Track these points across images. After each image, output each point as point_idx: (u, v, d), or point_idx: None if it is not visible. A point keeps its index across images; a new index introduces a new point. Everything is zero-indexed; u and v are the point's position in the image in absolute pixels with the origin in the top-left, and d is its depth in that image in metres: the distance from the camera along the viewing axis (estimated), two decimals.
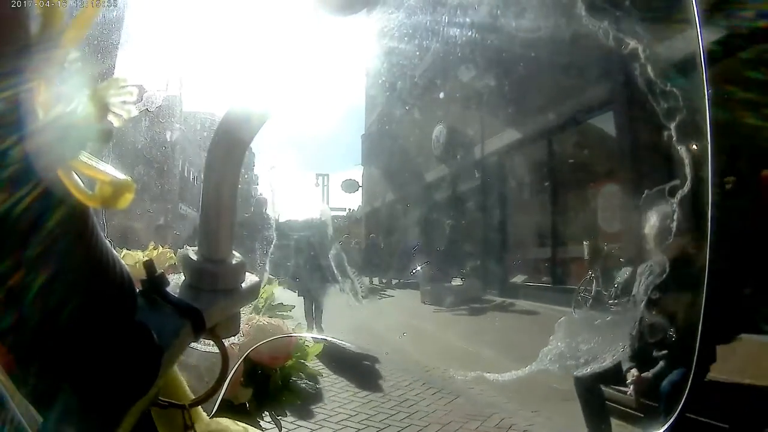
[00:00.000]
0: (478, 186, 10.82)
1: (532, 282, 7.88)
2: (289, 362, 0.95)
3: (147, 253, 0.88)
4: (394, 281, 12.13)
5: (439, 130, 11.26)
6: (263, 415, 0.92)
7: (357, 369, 4.50)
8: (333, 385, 3.85)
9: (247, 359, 0.86)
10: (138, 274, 0.37)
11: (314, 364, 1.03)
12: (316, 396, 3.37)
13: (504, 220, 9.79)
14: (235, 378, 0.83)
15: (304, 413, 3.09)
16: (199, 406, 0.44)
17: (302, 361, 0.98)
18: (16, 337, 0.29)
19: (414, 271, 9.23)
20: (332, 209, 17.35)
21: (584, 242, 5.91)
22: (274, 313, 1.02)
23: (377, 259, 12.84)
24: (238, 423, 0.44)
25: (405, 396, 3.79)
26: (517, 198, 9.38)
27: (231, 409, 0.82)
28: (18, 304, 0.28)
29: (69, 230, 0.28)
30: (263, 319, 0.91)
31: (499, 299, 6.98)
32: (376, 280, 13.06)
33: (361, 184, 16.44)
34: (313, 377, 1.01)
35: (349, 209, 18.31)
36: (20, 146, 0.25)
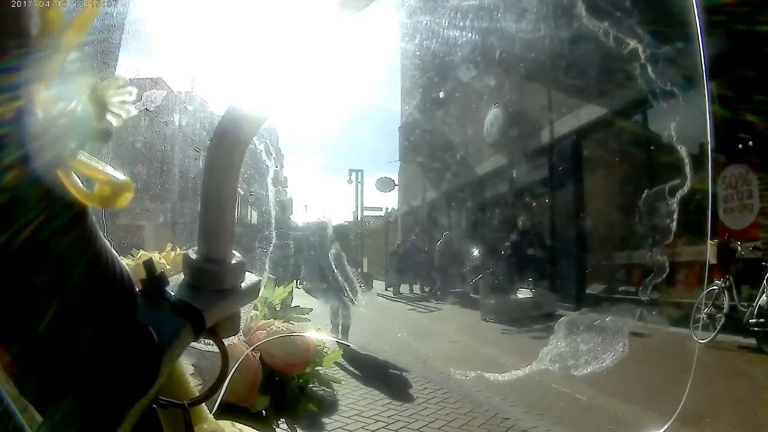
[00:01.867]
0: (545, 178, 9.29)
1: (619, 293, 6.46)
2: (307, 369, 0.93)
3: (164, 254, 0.87)
4: (436, 290, 11.01)
5: (494, 115, 10.08)
6: (279, 422, 0.90)
7: (382, 377, 4.27)
8: (353, 392, 3.71)
9: (264, 366, 0.85)
10: (138, 274, 0.37)
11: (334, 371, 1.01)
12: (336, 404, 3.31)
13: (580, 218, 8.29)
14: (253, 385, 0.82)
15: (320, 421, 3.01)
16: (205, 406, 0.44)
17: (320, 368, 0.96)
18: (15, 337, 0.29)
19: (473, 280, 8.36)
20: (366, 209, 16.32)
21: (709, 242, 4.69)
22: (292, 316, 1.01)
23: (417, 265, 11.90)
24: (236, 425, 0.44)
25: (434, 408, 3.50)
26: (597, 190, 8.21)
27: (248, 416, 0.82)
28: (17, 304, 0.28)
29: (68, 230, 0.28)
30: (282, 325, 0.90)
31: (577, 315, 5.44)
32: (415, 288, 12.03)
33: (397, 183, 15.51)
34: (332, 384, 0.99)
35: (387, 209, 17.20)
36: (20, 146, 0.25)
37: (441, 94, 11.08)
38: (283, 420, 0.90)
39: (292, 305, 1.04)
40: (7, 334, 0.30)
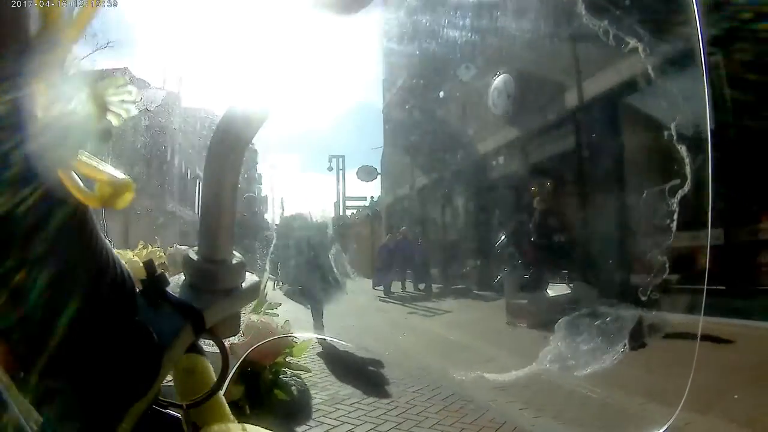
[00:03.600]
0: (570, 151, 7.65)
1: (677, 283, 4.88)
2: (279, 359, 0.95)
3: (137, 252, 0.88)
4: (435, 287, 9.62)
5: (503, 81, 8.55)
6: (254, 410, 0.92)
7: (363, 373, 4.19)
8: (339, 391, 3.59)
9: (236, 357, 0.87)
10: (138, 274, 0.37)
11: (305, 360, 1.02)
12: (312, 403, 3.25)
13: (616, 195, 6.81)
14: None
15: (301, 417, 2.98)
16: (225, 405, 0.44)
17: (291, 358, 0.99)
18: (16, 336, 0.29)
19: (499, 276, 6.81)
20: (349, 198, 14.51)
21: None
22: (263, 311, 1.03)
23: (410, 260, 10.31)
24: (246, 427, 0.44)
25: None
26: (637, 161, 6.64)
27: None
28: (19, 304, 0.28)
29: (69, 230, 0.28)
30: (254, 318, 0.92)
31: (631, 313, 4.35)
32: (409, 286, 10.29)
33: (380, 171, 14.06)
34: (303, 373, 1.02)
35: (372, 198, 15.82)
36: (20, 146, 0.25)
37: (431, 70, 9.44)
38: (257, 408, 0.92)
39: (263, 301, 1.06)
40: (8, 334, 0.30)
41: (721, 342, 3.85)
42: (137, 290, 0.36)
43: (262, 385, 0.91)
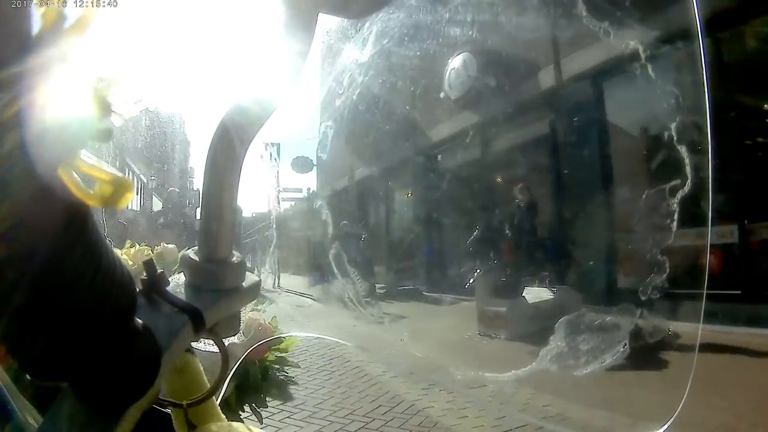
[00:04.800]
0: (545, 136, 6.75)
1: (679, 287, 4.06)
2: (267, 355, 0.96)
3: (124, 251, 0.89)
4: (379, 287, 8.47)
5: (462, 60, 7.58)
6: (244, 407, 0.93)
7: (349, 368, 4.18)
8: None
9: (234, 357, 0.87)
10: (138, 274, 0.38)
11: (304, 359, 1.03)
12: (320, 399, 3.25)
13: (610, 191, 5.91)
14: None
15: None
16: (216, 405, 0.44)
17: (280, 353, 1.00)
18: (15, 337, 0.29)
19: (471, 279, 5.76)
20: (285, 190, 13.78)
21: None
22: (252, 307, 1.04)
23: (360, 257, 8.95)
24: (249, 426, 0.44)
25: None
26: (622, 150, 5.82)
27: None
28: (17, 304, 0.28)
29: (68, 229, 0.28)
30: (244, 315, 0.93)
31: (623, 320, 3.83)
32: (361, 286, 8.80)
33: (315, 163, 12.88)
34: (292, 369, 1.03)
35: (309, 189, 14.11)
36: (20, 145, 0.25)
37: (374, 51, 7.85)
38: (248, 405, 0.92)
39: None
40: (6, 334, 0.30)
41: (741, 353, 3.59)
42: (137, 290, 0.36)
43: (252, 381, 0.92)
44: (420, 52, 7.94)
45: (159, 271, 0.38)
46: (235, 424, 0.44)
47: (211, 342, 0.42)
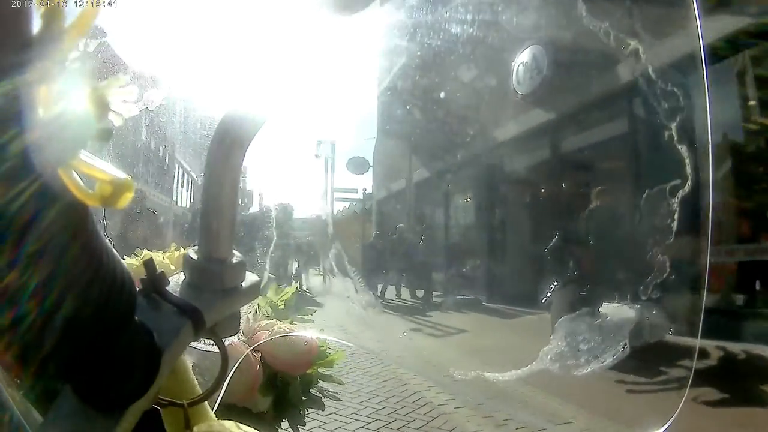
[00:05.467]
0: (624, 135, 5.94)
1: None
2: (310, 370, 0.92)
3: (168, 254, 0.86)
4: (436, 296, 8.04)
5: (530, 56, 7.04)
6: (282, 422, 0.90)
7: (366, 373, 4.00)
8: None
9: (266, 367, 0.85)
10: (138, 274, 0.38)
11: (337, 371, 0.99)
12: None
13: (693, 194, 4.37)
14: (252, 386, 0.82)
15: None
16: (208, 406, 0.44)
17: (324, 369, 0.95)
18: (14, 337, 0.29)
19: (548, 292, 4.91)
20: (337, 190, 13.07)
21: None
22: (295, 317, 1.00)
23: (408, 262, 8.65)
24: (240, 426, 0.45)
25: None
26: (716, 146, 4.59)
27: (249, 416, 0.82)
28: (16, 304, 0.28)
29: (68, 229, 0.28)
30: (285, 326, 0.89)
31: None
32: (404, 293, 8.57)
33: (371, 164, 12.65)
34: (336, 385, 0.98)
35: (365, 190, 13.62)
36: (20, 145, 0.25)
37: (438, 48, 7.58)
38: (286, 421, 0.90)
39: (296, 306, 1.03)
40: (5, 335, 0.30)
41: None
42: (137, 290, 0.36)
43: (291, 397, 0.90)
44: (484, 46, 7.36)
45: (159, 270, 0.38)
46: (227, 423, 0.44)
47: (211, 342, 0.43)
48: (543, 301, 4.89)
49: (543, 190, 7.60)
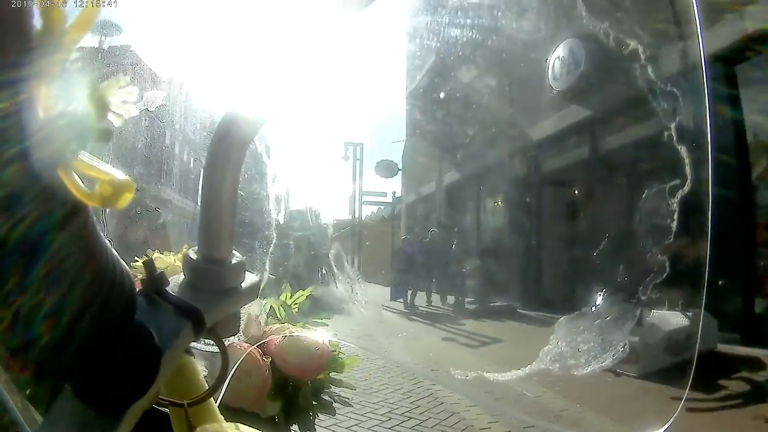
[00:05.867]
0: (666, 130, 4.43)
1: None
2: (321, 375, 0.90)
3: (180, 255, 0.86)
4: (467, 301, 7.71)
5: (567, 50, 6.52)
6: (291, 427, 0.89)
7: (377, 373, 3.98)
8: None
9: (276, 371, 0.85)
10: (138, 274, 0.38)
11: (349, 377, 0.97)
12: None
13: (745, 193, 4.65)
14: (261, 390, 0.81)
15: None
16: (215, 406, 0.44)
17: (335, 374, 0.93)
18: (14, 337, 0.29)
19: (597, 300, 3.95)
20: (366, 194, 13.02)
21: None
22: (309, 321, 0.99)
23: (439, 268, 8.26)
24: (240, 427, 0.44)
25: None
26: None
27: (258, 421, 0.81)
28: (16, 304, 0.28)
29: (68, 229, 0.28)
30: (297, 330, 0.88)
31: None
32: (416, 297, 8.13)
33: (400, 167, 12.25)
34: (347, 390, 0.96)
35: (394, 193, 13.30)
36: (20, 145, 0.25)
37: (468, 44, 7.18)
38: (296, 425, 0.88)
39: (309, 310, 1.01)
40: (5, 335, 0.30)
41: None
42: (137, 290, 0.36)
43: (301, 402, 0.88)
44: (516, 43, 6.91)
45: (159, 271, 0.38)
46: (230, 423, 0.44)
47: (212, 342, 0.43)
48: (593, 308, 4.14)
49: (583, 191, 7.05)
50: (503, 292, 7.81)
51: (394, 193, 13.61)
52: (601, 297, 4.06)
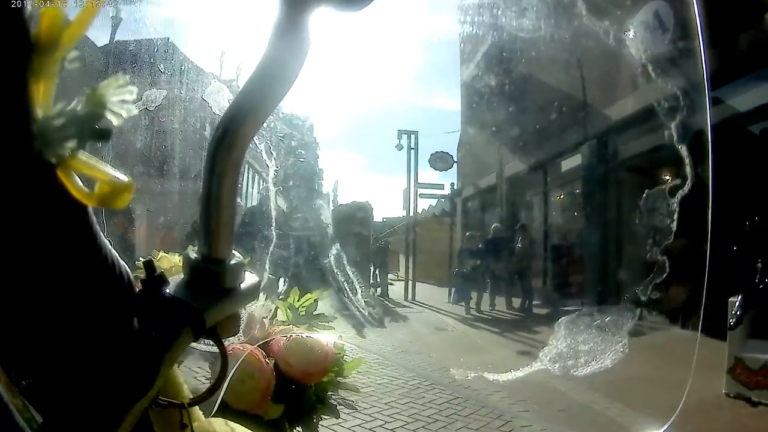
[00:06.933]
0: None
1: None
2: (325, 378, 0.89)
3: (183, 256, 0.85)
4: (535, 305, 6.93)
5: (650, 14, 5.15)
6: (295, 430, 0.88)
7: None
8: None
9: (280, 374, 0.84)
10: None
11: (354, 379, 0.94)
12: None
13: None
14: (264, 393, 0.80)
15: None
16: (197, 407, 0.44)
17: (340, 376, 0.92)
18: (15, 337, 0.29)
19: (736, 312, 3.26)
20: (421, 185, 11.72)
21: None
22: (315, 323, 0.98)
23: (504, 268, 7.36)
24: (229, 423, 0.44)
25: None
26: None
27: (260, 423, 0.81)
28: (17, 304, 0.28)
29: (68, 229, 0.28)
30: (301, 331, 0.87)
31: None
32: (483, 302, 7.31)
33: (456, 159, 11.21)
34: (352, 393, 0.95)
35: (452, 185, 12.01)
36: (20, 145, 0.25)
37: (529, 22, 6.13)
38: (298, 428, 0.87)
39: (316, 312, 1.00)
40: (6, 335, 0.30)
41: None
42: (137, 290, 0.36)
43: (305, 405, 0.87)
44: (589, 17, 6.02)
45: (159, 271, 0.38)
46: (215, 420, 0.44)
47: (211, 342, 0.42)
48: (731, 322, 3.34)
49: (677, 179, 6.42)
50: (576, 294, 6.91)
51: (452, 184, 12.34)
52: (738, 307, 3.32)
